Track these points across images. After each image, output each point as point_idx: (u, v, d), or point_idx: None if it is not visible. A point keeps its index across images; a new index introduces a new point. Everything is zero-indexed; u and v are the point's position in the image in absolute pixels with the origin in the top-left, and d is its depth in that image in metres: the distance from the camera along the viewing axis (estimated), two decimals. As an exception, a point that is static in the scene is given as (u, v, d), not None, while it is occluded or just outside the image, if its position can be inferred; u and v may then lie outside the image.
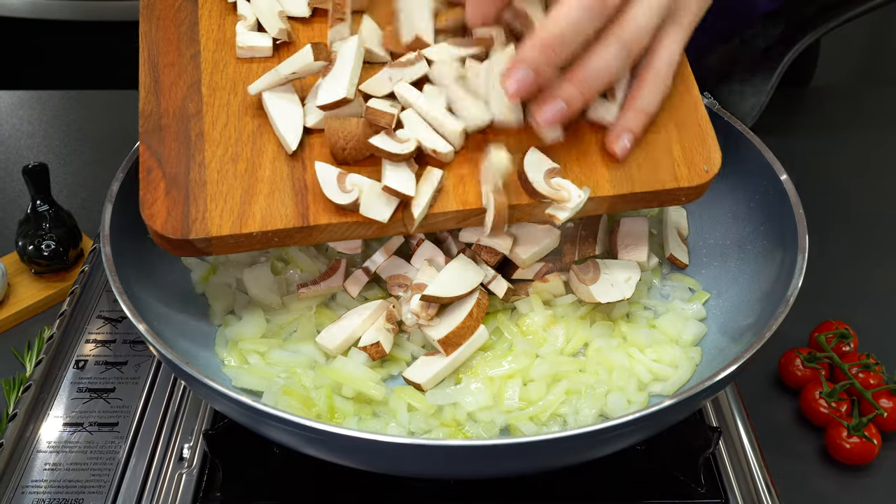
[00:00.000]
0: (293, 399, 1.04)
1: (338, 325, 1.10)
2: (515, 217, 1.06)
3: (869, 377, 1.22)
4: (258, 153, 1.04)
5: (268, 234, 1.00)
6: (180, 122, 1.06)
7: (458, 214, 1.04)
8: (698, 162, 1.08)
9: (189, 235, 0.99)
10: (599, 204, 1.06)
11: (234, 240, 1.00)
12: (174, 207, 1.01)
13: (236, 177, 1.02)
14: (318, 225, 1.01)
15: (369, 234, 1.04)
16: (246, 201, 1.01)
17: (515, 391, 1.04)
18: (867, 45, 3.15)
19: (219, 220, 1.00)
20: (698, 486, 1.06)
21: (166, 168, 1.03)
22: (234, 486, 1.06)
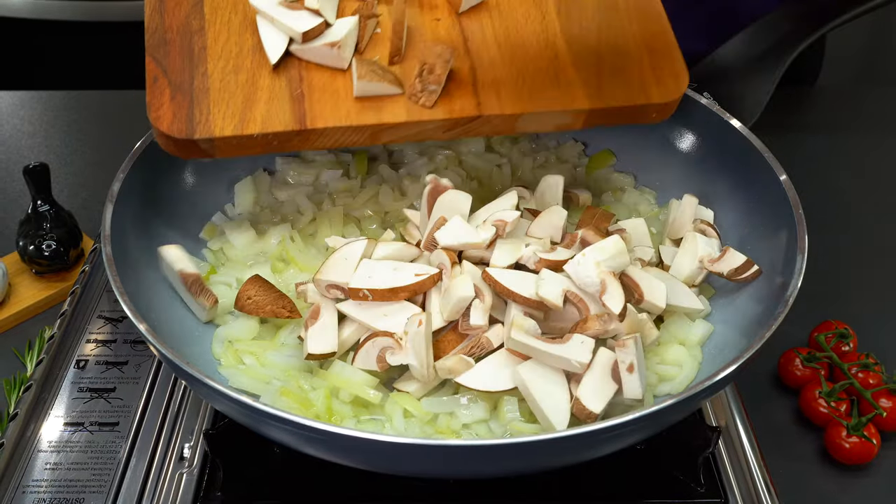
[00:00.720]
0: (291, 400, 1.04)
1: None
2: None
3: (868, 377, 1.22)
4: (257, 66, 1.12)
5: (268, 136, 1.08)
6: (184, 37, 1.13)
7: (445, 123, 1.11)
8: (668, 81, 1.16)
9: (194, 136, 1.07)
10: (576, 118, 1.14)
11: (236, 141, 1.07)
12: (179, 111, 1.08)
13: (238, 86, 1.10)
14: (315, 129, 1.09)
15: (362, 141, 1.11)
16: (247, 107, 1.09)
17: (514, 404, 1.03)
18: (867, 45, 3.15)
19: (221, 122, 1.08)
20: (698, 486, 1.06)
21: (171, 77, 1.10)
22: (235, 485, 1.06)
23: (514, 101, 1.12)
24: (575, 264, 1.04)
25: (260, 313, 1.12)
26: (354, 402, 1.05)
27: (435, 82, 1.10)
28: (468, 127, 1.12)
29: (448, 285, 1.05)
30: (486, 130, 1.14)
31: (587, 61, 1.16)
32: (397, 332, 1.03)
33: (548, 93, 1.13)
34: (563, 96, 1.13)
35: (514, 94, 1.13)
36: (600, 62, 1.16)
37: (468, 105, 1.12)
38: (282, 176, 1.35)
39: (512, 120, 1.12)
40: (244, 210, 1.30)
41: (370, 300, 1.05)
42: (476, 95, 1.12)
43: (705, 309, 1.16)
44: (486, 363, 1.03)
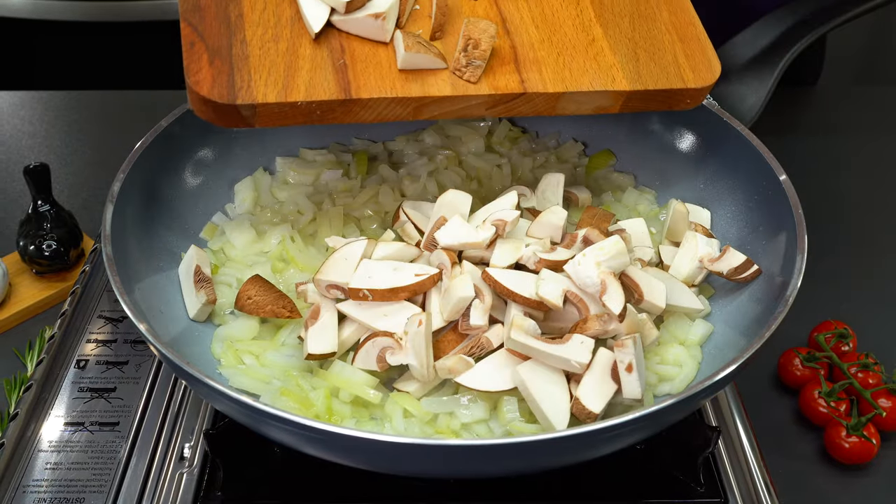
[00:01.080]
0: (291, 400, 1.04)
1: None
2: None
3: (868, 377, 1.22)
4: (297, 35, 1.10)
5: (311, 104, 1.06)
6: (219, 4, 1.11)
7: (490, 99, 1.11)
8: (702, 68, 1.17)
9: (236, 101, 1.04)
10: (616, 100, 1.15)
11: (279, 108, 1.05)
12: (219, 76, 1.05)
13: (278, 54, 1.08)
14: (360, 99, 1.07)
15: (405, 115, 1.10)
16: (289, 75, 1.07)
17: (514, 404, 1.03)
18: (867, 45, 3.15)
19: (264, 88, 1.05)
20: (698, 486, 1.06)
21: (209, 41, 1.08)
22: (235, 485, 1.06)
23: (557, 80, 1.13)
24: (575, 264, 1.04)
25: (260, 313, 1.12)
26: (354, 402, 1.06)
27: (480, 57, 1.09)
28: (511, 105, 1.12)
29: (448, 285, 1.05)
30: (526, 109, 1.14)
31: (624, 46, 1.17)
32: (397, 332, 1.03)
33: (589, 74, 1.14)
34: (603, 77, 1.14)
35: (556, 74, 1.13)
36: (636, 47, 1.18)
37: (512, 82, 1.12)
38: (282, 176, 1.36)
39: (554, 99, 1.13)
40: (244, 210, 1.30)
41: (370, 300, 1.05)
42: (519, 73, 1.13)
43: (705, 309, 1.16)
44: (485, 363, 1.03)
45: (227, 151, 1.33)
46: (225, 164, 1.32)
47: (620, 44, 1.17)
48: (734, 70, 1.47)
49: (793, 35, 1.47)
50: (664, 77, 1.16)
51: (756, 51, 1.48)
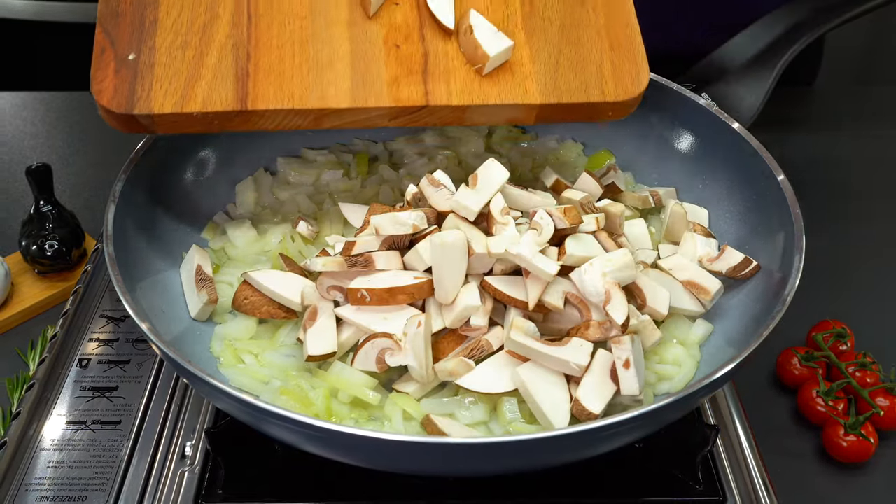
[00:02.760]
0: (291, 399, 1.05)
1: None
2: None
3: (866, 376, 1.22)
4: (206, 43, 1.11)
5: (208, 115, 1.08)
6: (136, 9, 1.13)
7: (391, 111, 1.11)
8: (626, 80, 1.14)
9: (133, 111, 1.07)
10: (528, 113, 1.13)
11: (175, 118, 1.08)
12: (121, 85, 1.08)
13: (183, 62, 1.10)
14: (256, 110, 1.09)
15: (305, 125, 1.11)
16: (189, 84, 1.09)
17: (514, 405, 1.04)
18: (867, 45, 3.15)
19: (162, 99, 1.08)
20: (696, 484, 1.07)
21: (118, 49, 1.10)
22: (236, 483, 1.06)
23: (464, 92, 1.12)
24: (581, 272, 1.04)
25: (257, 314, 1.12)
26: (353, 403, 1.06)
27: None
28: (415, 116, 1.12)
29: (456, 297, 1.04)
30: (432, 120, 1.13)
31: (545, 54, 1.15)
32: (396, 334, 1.04)
33: (499, 85, 1.12)
34: (514, 90, 1.12)
35: (464, 85, 1.12)
36: (559, 56, 1.15)
37: (416, 94, 1.11)
38: (283, 176, 1.36)
39: (460, 111, 1.12)
40: (245, 210, 1.31)
41: (368, 301, 1.05)
42: (425, 84, 1.12)
43: (704, 309, 1.16)
44: (486, 365, 1.04)
45: (229, 152, 1.33)
46: (226, 164, 1.33)
47: (542, 51, 1.15)
48: (733, 70, 1.47)
49: (791, 36, 1.47)
50: (582, 89, 1.13)
51: (755, 51, 1.48)
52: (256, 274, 1.12)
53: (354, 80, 1.11)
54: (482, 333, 1.05)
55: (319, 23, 1.15)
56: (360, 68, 1.12)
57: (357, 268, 1.07)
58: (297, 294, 1.10)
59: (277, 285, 1.11)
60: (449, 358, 1.04)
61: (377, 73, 1.12)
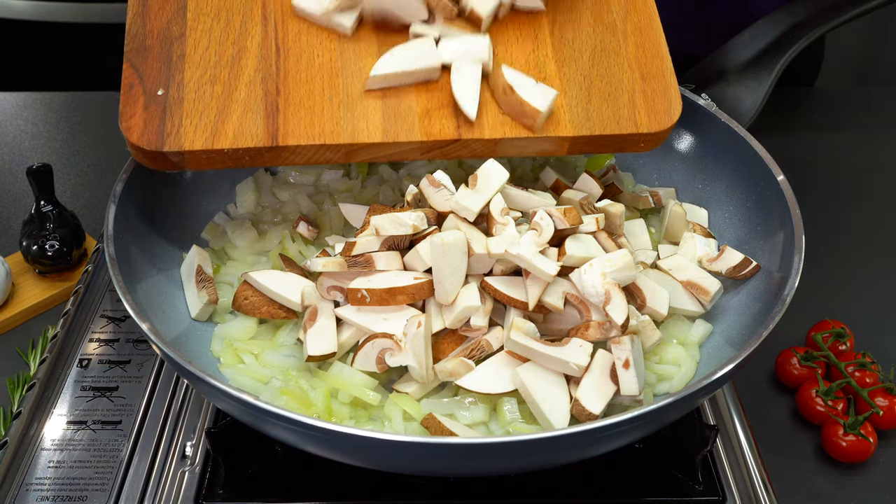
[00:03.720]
0: (291, 399, 1.05)
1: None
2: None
3: (865, 376, 1.22)
4: (235, 77, 1.10)
5: (238, 151, 1.07)
6: (164, 43, 1.12)
7: (422, 145, 1.09)
8: (659, 110, 1.12)
9: (163, 148, 1.06)
10: (560, 144, 1.11)
11: (206, 155, 1.07)
12: (151, 121, 1.07)
13: (213, 97, 1.08)
14: (287, 146, 1.07)
15: (336, 159, 1.09)
16: (220, 120, 1.07)
17: (514, 405, 1.04)
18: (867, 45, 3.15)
19: (192, 135, 1.06)
20: (696, 484, 1.07)
21: (147, 85, 1.09)
22: (236, 483, 1.07)
23: (496, 125, 1.10)
24: (581, 273, 1.04)
25: (257, 314, 1.12)
26: (353, 404, 1.06)
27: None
28: (448, 149, 1.10)
29: (456, 299, 1.04)
30: (465, 153, 1.11)
31: (576, 85, 1.13)
32: (397, 334, 1.04)
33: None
34: (546, 122, 1.10)
35: (496, 118, 1.10)
36: (590, 87, 1.13)
37: (447, 127, 1.09)
38: (283, 176, 1.36)
39: (492, 144, 1.10)
40: (246, 210, 1.31)
41: (368, 302, 1.06)
42: (456, 118, 1.10)
43: (704, 309, 1.16)
44: (486, 365, 1.04)
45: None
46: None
47: (574, 82, 1.13)
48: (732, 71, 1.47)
49: (790, 36, 1.48)
50: (615, 121, 1.11)
51: (754, 52, 1.49)
52: (256, 274, 1.13)
53: (386, 113, 1.10)
54: (482, 334, 1.05)
55: (349, 55, 1.13)
56: (392, 102, 1.10)
57: (357, 268, 1.07)
58: (297, 294, 1.11)
59: (277, 285, 1.11)
60: (449, 358, 1.04)
61: (408, 106, 1.10)
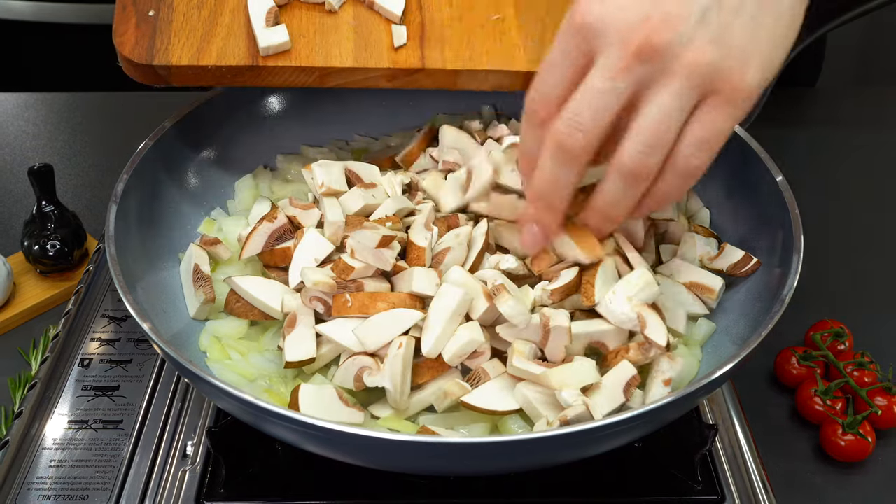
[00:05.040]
0: (275, 400, 1.05)
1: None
2: None
3: (863, 375, 1.23)
4: (220, 3, 1.21)
5: (221, 68, 1.16)
6: None
7: (389, 72, 1.19)
8: None
9: (153, 62, 1.15)
10: (515, 79, 1.20)
11: (191, 70, 1.15)
12: (142, 38, 1.17)
13: (199, 20, 1.19)
14: (266, 66, 1.16)
15: (310, 82, 1.18)
16: (205, 40, 1.17)
17: (518, 420, 1.03)
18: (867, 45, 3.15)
19: (179, 52, 1.15)
20: (695, 483, 1.07)
21: (139, 6, 1.20)
22: (238, 482, 1.07)
23: (456, 58, 1.20)
24: (608, 303, 1.04)
25: (249, 316, 1.13)
26: None
27: None
28: (411, 79, 1.20)
29: (457, 330, 1.04)
30: (427, 83, 1.21)
31: (532, 27, 1.23)
32: (380, 352, 1.04)
33: (489, 54, 1.21)
34: (503, 57, 1.21)
35: (457, 52, 1.21)
36: (545, 29, 1.23)
37: (412, 58, 1.20)
38: (282, 173, 1.36)
39: (453, 75, 1.20)
40: (244, 206, 1.31)
41: (349, 307, 1.05)
42: (421, 49, 1.20)
43: (710, 307, 1.16)
44: (488, 385, 1.03)
45: (229, 151, 1.34)
46: (227, 163, 1.33)
47: (530, 25, 1.23)
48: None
49: (790, 37, 1.47)
50: None
51: (753, 52, 1.49)
52: (239, 279, 1.13)
53: (357, 43, 1.20)
54: (482, 356, 1.05)
55: None
56: (363, 33, 1.21)
57: (345, 290, 1.07)
58: (278, 301, 1.11)
59: (258, 291, 1.12)
60: (445, 377, 1.04)
61: (378, 38, 1.21)
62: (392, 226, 1.11)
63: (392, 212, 1.16)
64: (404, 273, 1.08)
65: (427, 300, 1.06)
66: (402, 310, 1.04)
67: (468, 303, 1.04)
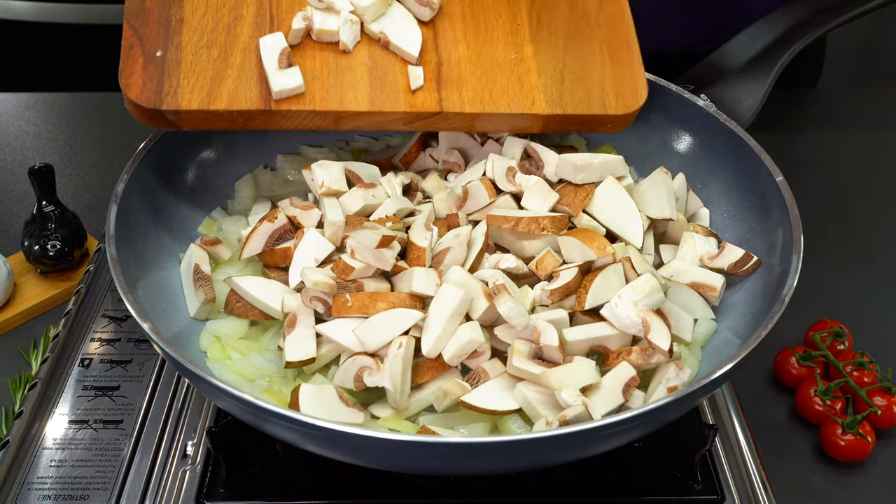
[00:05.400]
0: (275, 400, 1.05)
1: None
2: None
3: (863, 375, 1.23)
4: (231, 43, 1.15)
5: (233, 113, 1.11)
6: (162, 7, 1.16)
7: (406, 116, 1.15)
8: (627, 94, 1.20)
9: (161, 106, 1.09)
10: (534, 122, 1.18)
11: (201, 115, 1.11)
12: (150, 81, 1.11)
13: (209, 61, 1.13)
14: (279, 110, 1.12)
15: (325, 125, 1.15)
16: (216, 83, 1.12)
17: (518, 420, 1.04)
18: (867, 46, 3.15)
19: (189, 95, 1.10)
20: (695, 483, 1.07)
21: (146, 45, 1.13)
22: (237, 482, 1.07)
23: (476, 100, 1.17)
24: (612, 308, 1.04)
25: (249, 316, 1.13)
26: None
27: None
28: (429, 121, 1.17)
29: (457, 329, 1.04)
30: (445, 126, 1.19)
31: (551, 67, 1.20)
32: (381, 352, 1.04)
33: (508, 95, 1.17)
34: (523, 100, 1.17)
35: (475, 94, 1.17)
36: (563, 69, 1.20)
37: (430, 100, 1.16)
38: (282, 173, 1.37)
39: (470, 118, 1.17)
40: (244, 206, 1.31)
41: (350, 307, 1.05)
42: (438, 91, 1.17)
43: (714, 306, 1.17)
44: (488, 384, 1.03)
45: (229, 151, 1.34)
46: (227, 163, 1.33)
47: (548, 65, 1.20)
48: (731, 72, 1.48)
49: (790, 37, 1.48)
50: (586, 102, 1.18)
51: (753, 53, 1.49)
52: (239, 279, 1.13)
53: (373, 85, 1.16)
54: (481, 355, 1.05)
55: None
56: (379, 74, 1.17)
57: (345, 291, 1.08)
58: (278, 301, 1.11)
59: (258, 291, 1.12)
60: (445, 378, 1.04)
61: (394, 79, 1.16)
62: (392, 226, 1.11)
63: (392, 212, 1.16)
64: (404, 273, 1.08)
65: (427, 300, 1.06)
66: (402, 310, 1.04)
67: (468, 303, 1.04)
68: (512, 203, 1.17)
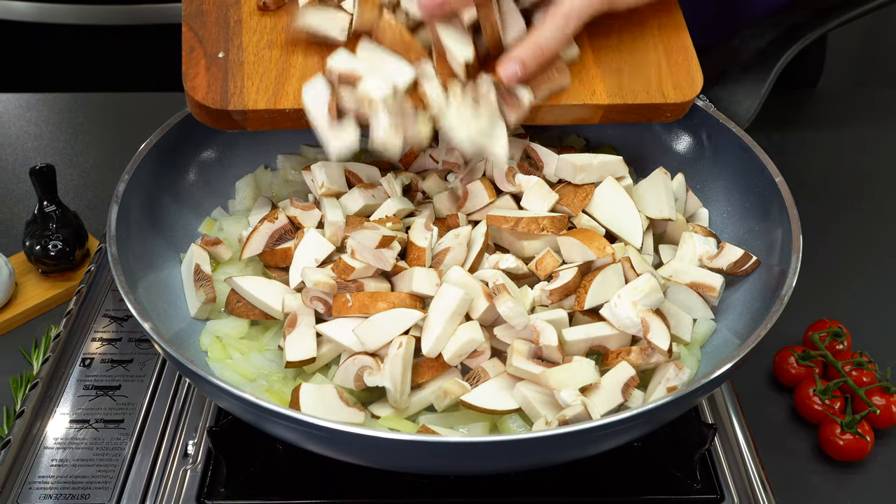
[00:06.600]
0: (276, 399, 1.05)
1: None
2: None
3: (862, 375, 1.23)
4: (292, 42, 1.14)
5: (299, 111, 1.10)
6: (220, 9, 1.15)
7: None
8: (683, 83, 1.19)
9: (228, 107, 1.08)
10: (595, 112, 1.17)
11: (268, 114, 1.10)
12: (214, 82, 1.10)
13: (271, 60, 1.12)
14: None
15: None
16: (280, 82, 1.11)
17: (518, 420, 1.04)
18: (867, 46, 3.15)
19: (255, 95, 1.10)
20: (694, 482, 1.07)
21: (207, 47, 1.12)
22: (238, 481, 1.07)
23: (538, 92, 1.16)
24: (612, 307, 1.05)
25: (250, 316, 1.13)
26: None
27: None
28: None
29: (457, 329, 1.04)
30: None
31: (608, 59, 1.20)
32: (381, 352, 1.04)
33: (570, 87, 1.17)
34: (584, 90, 1.17)
35: (538, 86, 1.16)
36: (621, 60, 1.20)
37: None
38: (283, 173, 1.37)
39: (534, 110, 1.15)
40: (244, 206, 1.32)
41: (350, 307, 1.06)
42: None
43: (713, 306, 1.17)
44: (488, 384, 1.04)
45: (230, 152, 1.34)
46: (228, 164, 1.34)
47: (605, 55, 1.20)
48: (731, 72, 1.47)
49: (789, 37, 1.48)
50: (645, 92, 1.18)
51: (753, 53, 1.49)
52: (239, 279, 1.13)
53: None
54: (482, 354, 1.06)
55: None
56: None
57: (345, 291, 1.08)
58: (278, 301, 1.11)
59: (259, 291, 1.12)
60: (445, 377, 1.05)
61: None
62: (392, 226, 1.11)
63: (392, 212, 1.16)
64: (404, 273, 1.09)
65: (427, 300, 1.07)
66: (402, 310, 1.04)
67: (468, 303, 1.04)
68: (512, 203, 1.18)
